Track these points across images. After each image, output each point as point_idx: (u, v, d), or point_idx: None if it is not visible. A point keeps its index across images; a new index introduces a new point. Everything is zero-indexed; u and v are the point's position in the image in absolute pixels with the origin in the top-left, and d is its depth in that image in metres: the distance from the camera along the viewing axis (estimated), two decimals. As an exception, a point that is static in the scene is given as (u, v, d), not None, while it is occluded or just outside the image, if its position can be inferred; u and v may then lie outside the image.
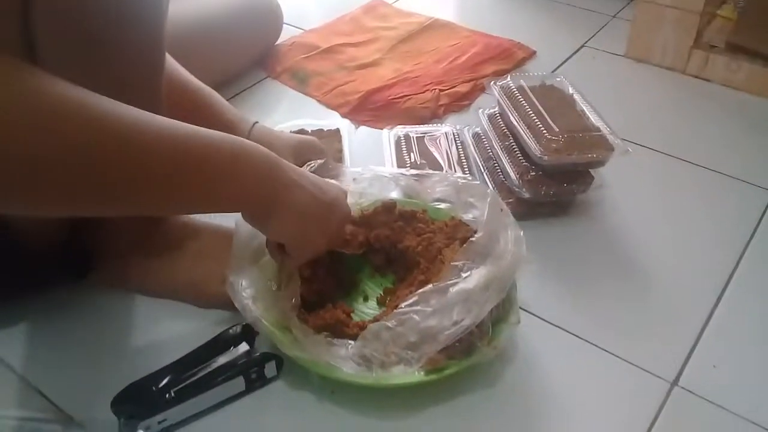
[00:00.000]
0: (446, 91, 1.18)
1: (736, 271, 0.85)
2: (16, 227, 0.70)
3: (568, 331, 0.77)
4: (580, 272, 0.85)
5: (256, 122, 0.90)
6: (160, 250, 0.79)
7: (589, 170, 0.91)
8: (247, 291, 0.69)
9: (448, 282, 0.68)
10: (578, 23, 1.43)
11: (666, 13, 1.22)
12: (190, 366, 0.69)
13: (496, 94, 0.97)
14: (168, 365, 0.68)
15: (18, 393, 0.69)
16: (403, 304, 0.67)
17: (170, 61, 0.80)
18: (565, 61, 1.30)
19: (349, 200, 0.76)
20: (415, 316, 0.66)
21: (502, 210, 0.75)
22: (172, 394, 0.66)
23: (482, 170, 0.97)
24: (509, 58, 1.28)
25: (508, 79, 0.99)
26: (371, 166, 0.85)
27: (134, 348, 0.75)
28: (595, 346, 0.76)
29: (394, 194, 0.84)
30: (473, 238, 0.71)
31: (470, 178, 0.82)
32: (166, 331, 0.76)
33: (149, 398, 0.66)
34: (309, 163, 0.79)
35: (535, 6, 1.52)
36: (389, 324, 0.66)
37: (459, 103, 1.16)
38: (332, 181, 0.75)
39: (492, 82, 0.99)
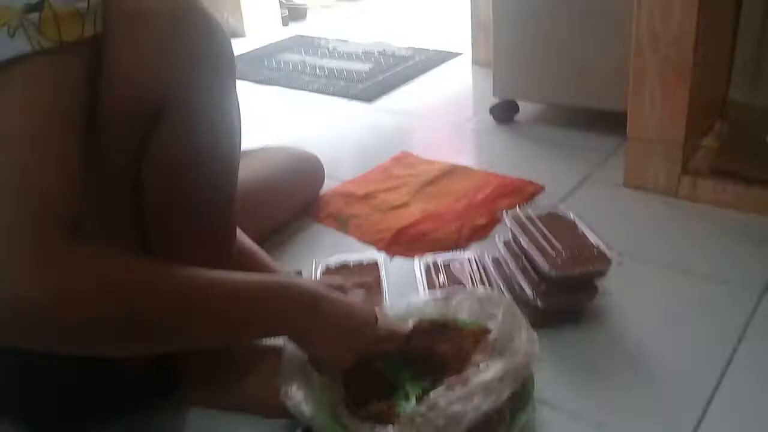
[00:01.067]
0: (467, 224, 1.36)
1: (731, 364, 0.98)
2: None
3: (581, 417, 0.89)
4: (591, 368, 0.99)
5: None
6: (234, 371, 0.93)
7: (594, 281, 1.06)
8: (298, 394, 0.83)
9: (471, 374, 0.82)
10: (581, 159, 1.63)
11: (653, 147, 1.42)
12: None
13: (509, 223, 1.14)
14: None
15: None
16: (433, 393, 0.81)
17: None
18: (570, 193, 1.49)
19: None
20: (442, 403, 0.79)
21: (515, 314, 0.90)
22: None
23: (501, 288, 1.12)
24: (521, 193, 1.48)
25: (518, 210, 1.17)
26: (405, 297, 1.02)
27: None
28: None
29: (429, 312, 0.99)
30: (488, 337, 0.86)
31: (490, 291, 0.98)
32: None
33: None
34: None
35: (541, 150, 1.73)
36: (421, 410, 0.79)
37: (479, 233, 1.35)
38: (364, 307, 0.88)
39: (505, 213, 1.17)
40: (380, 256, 1.26)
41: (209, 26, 0.73)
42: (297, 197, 1.45)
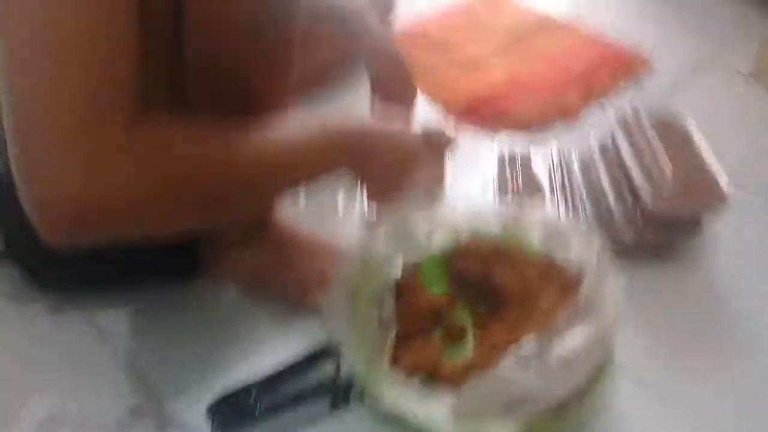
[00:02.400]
0: (556, 102, 1.14)
1: None
2: None
3: (659, 399, 0.76)
4: (677, 327, 0.83)
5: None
6: (271, 254, 0.83)
7: (700, 219, 0.87)
8: (338, 330, 0.71)
9: (548, 342, 0.67)
10: (711, 31, 1.34)
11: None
12: (281, 381, 0.72)
13: (612, 123, 0.93)
14: (261, 380, 0.72)
15: (124, 384, 0.74)
16: (501, 365, 0.67)
17: None
18: (683, 79, 1.23)
19: (444, 235, 0.80)
20: (513, 380, 0.66)
21: (606, 262, 0.74)
22: (262, 409, 0.70)
23: (585, 202, 0.94)
24: (625, 69, 1.23)
25: (626, 106, 0.95)
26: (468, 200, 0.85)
27: (235, 350, 0.79)
28: (688, 415, 0.74)
29: (492, 228, 0.83)
30: (577, 294, 0.70)
31: (573, 221, 0.80)
32: (266, 334, 0.80)
33: (241, 408, 0.70)
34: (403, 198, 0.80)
35: (667, 6, 1.43)
36: (486, 384, 0.66)
37: (569, 114, 1.13)
38: (407, 134, 0.82)
39: (607, 105, 0.95)
40: (449, 125, 1.07)
41: None
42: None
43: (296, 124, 0.69)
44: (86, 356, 0.77)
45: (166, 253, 0.80)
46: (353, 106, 1.06)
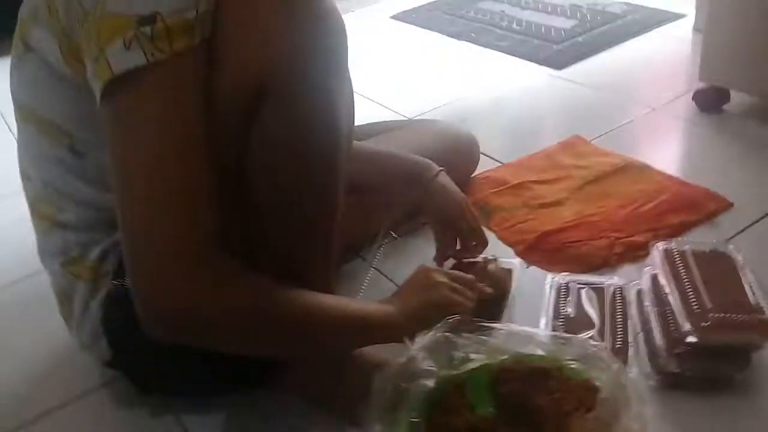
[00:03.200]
0: (623, 240, 1.20)
1: None
2: None
3: None
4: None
5: (442, 169, 1.13)
6: (332, 370, 0.92)
7: (747, 352, 0.88)
8: None
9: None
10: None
11: None
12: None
13: (657, 258, 0.98)
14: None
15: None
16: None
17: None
18: (763, 217, 1.24)
19: (488, 357, 0.87)
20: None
21: (626, 385, 0.77)
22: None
23: (638, 332, 0.98)
24: (699, 209, 1.26)
25: (673, 243, 1.00)
26: (509, 324, 0.92)
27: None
28: None
29: (531, 350, 0.89)
30: (589, 415, 0.74)
31: (601, 347, 0.84)
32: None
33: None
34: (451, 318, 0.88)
35: (743, 152, 1.46)
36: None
37: (634, 253, 1.17)
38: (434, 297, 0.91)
39: (656, 244, 1.00)
40: (517, 263, 1.16)
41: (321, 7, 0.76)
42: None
43: (339, 303, 0.86)
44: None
45: (246, 364, 0.90)
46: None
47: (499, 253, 1.20)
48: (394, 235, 1.24)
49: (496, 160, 1.50)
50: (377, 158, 1.16)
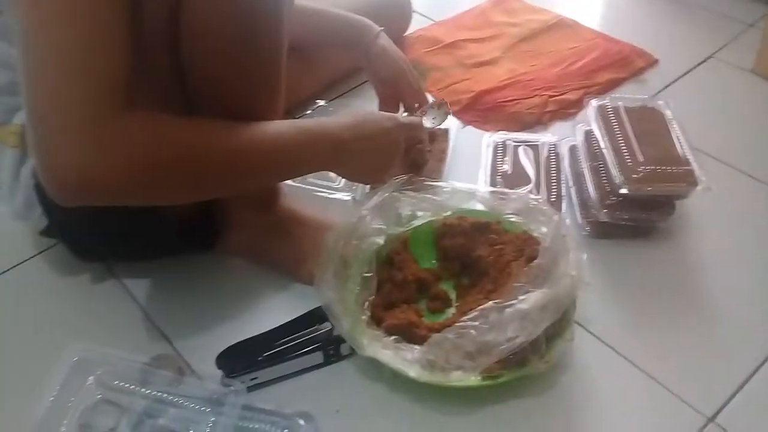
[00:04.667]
0: (555, 98, 1.22)
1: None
2: (159, 207, 0.85)
3: (620, 353, 0.84)
4: (645, 298, 0.90)
5: (382, 29, 1.11)
6: (272, 231, 0.94)
7: (672, 201, 0.94)
8: (329, 293, 0.81)
9: (507, 302, 0.76)
10: (710, 30, 1.41)
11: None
12: (280, 336, 0.83)
13: (592, 114, 1.01)
14: (263, 333, 0.83)
15: (150, 337, 0.87)
16: (463, 318, 0.76)
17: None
18: (687, 73, 1.30)
19: (431, 213, 0.90)
20: (473, 331, 0.75)
21: (564, 235, 0.82)
22: (263, 358, 0.81)
23: (570, 186, 1.02)
24: (627, 66, 1.30)
25: (607, 99, 1.03)
26: (452, 181, 0.95)
27: (242, 310, 0.90)
28: (644, 372, 0.82)
29: (473, 206, 0.92)
30: (533, 263, 0.79)
31: (541, 200, 0.89)
32: (269, 299, 0.91)
33: (246, 358, 0.81)
34: (397, 177, 0.90)
35: (667, 9, 1.49)
36: (450, 336, 0.76)
37: (566, 111, 1.21)
38: (379, 117, 0.89)
39: (590, 100, 1.03)
40: (453, 125, 1.17)
41: None
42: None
43: (279, 126, 0.78)
44: (118, 316, 0.90)
45: (186, 231, 0.91)
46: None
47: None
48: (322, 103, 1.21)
49: (429, 18, 1.47)
50: (316, 19, 1.11)
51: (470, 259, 0.90)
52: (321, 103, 1.20)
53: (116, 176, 0.63)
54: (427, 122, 1.06)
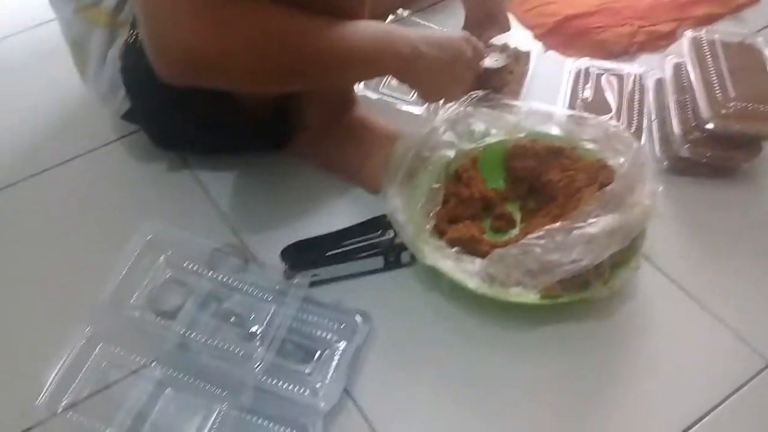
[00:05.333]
0: (645, 29, 1.17)
1: None
2: (239, 98, 0.87)
3: (683, 289, 0.82)
4: (718, 238, 0.88)
5: None
6: (343, 137, 0.94)
7: (759, 142, 0.90)
8: (396, 200, 0.81)
9: (575, 224, 0.75)
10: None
11: None
12: (344, 238, 0.84)
13: (685, 45, 0.96)
14: (329, 233, 0.85)
15: (218, 226, 0.90)
16: (529, 236, 0.76)
17: None
18: (790, 14, 1.21)
19: (504, 133, 0.89)
20: (538, 249, 0.75)
21: (642, 164, 0.80)
22: (326, 257, 0.83)
23: (652, 119, 0.99)
24: (725, 1, 1.22)
25: (703, 31, 0.98)
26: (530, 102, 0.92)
27: (311, 210, 0.92)
28: (706, 309, 0.80)
29: (549, 129, 0.90)
30: (607, 188, 0.77)
31: (623, 127, 0.86)
32: (334, 203, 0.92)
33: (309, 255, 0.83)
34: (472, 93, 0.88)
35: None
36: (513, 251, 0.75)
37: (656, 42, 1.15)
38: (454, 36, 0.88)
39: (686, 31, 0.98)
40: (535, 48, 1.13)
41: None
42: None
43: (365, 24, 0.78)
44: (190, 204, 0.93)
45: (262, 129, 0.93)
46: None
47: (516, 35, 1.17)
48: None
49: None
50: None
51: (539, 182, 0.88)
52: (403, 13, 1.18)
53: (224, 58, 0.67)
54: (488, 61, 1.03)
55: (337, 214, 0.90)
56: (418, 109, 1.01)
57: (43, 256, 0.88)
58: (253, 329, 0.76)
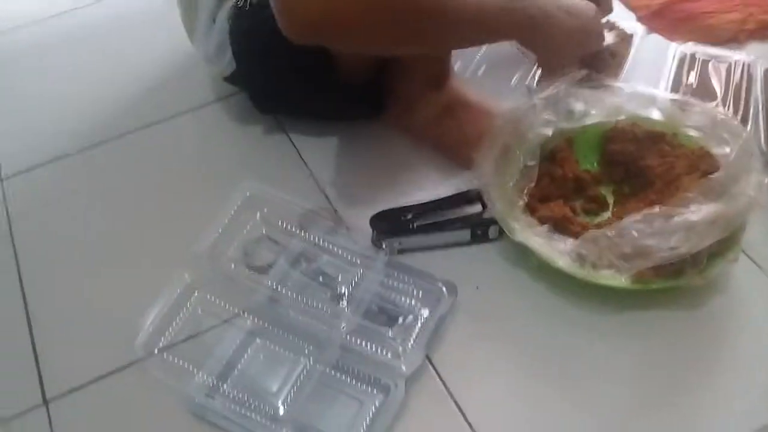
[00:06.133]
0: (757, 17, 1.11)
1: None
2: (339, 66, 0.89)
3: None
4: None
5: None
6: (438, 110, 0.94)
7: None
8: (489, 175, 0.81)
9: (676, 210, 0.74)
10: None
11: None
12: (433, 209, 0.85)
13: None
14: (418, 204, 0.86)
15: (310, 190, 0.92)
16: (627, 219, 0.75)
17: None
18: None
19: (604, 114, 0.87)
20: (635, 233, 0.73)
21: (751, 153, 0.77)
22: (414, 227, 0.84)
23: (760, 110, 0.95)
24: None
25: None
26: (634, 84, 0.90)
27: (401, 180, 0.93)
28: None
29: (651, 113, 0.88)
30: (713, 175, 0.75)
31: (731, 115, 0.83)
32: (425, 176, 0.92)
33: (397, 223, 0.84)
34: (573, 73, 0.87)
35: None
36: (608, 233, 0.74)
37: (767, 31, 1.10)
38: (582, 2, 0.89)
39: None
40: (639, 30, 1.10)
41: None
42: None
43: None
44: (285, 166, 0.96)
45: (358, 97, 0.95)
46: None
47: (618, 15, 1.14)
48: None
49: None
50: None
51: (636, 167, 0.86)
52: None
53: (359, 19, 0.69)
54: None
55: (428, 185, 0.90)
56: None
57: (149, 206, 0.94)
58: (341, 290, 0.78)
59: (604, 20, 1.06)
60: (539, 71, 0.92)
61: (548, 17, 0.82)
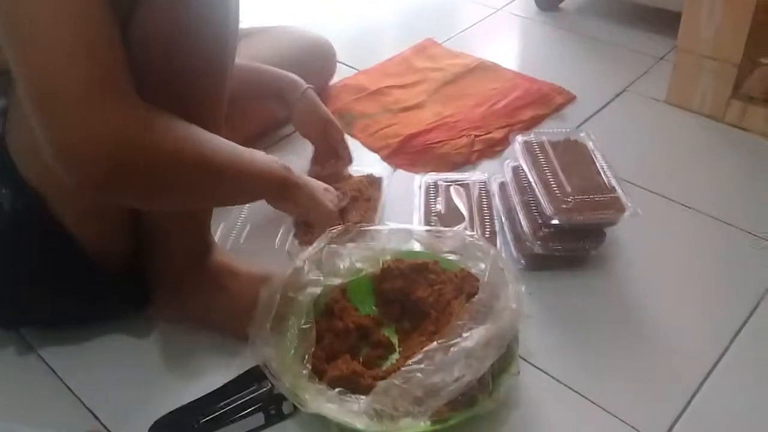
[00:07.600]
0: (481, 137, 1.24)
1: (738, 335, 0.89)
2: (91, 252, 0.83)
3: (565, 384, 0.83)
4: (584, 326, 0.91)
5: (309, 87, 1.13)
6: (204, 286, 0.90)
7: (602, 229, 0.96)
8: (267, 348, 0.77)
9: (451, 341, 0.75)
10: (623, 65, 1.46)
11: (705, 63, 1.24)
12: (217, 400, 0.79)
13: (518, 149, 1.03)
14: (198, 398, 0.79)
15: (77, 415, 0.81)
16: (408, 362, 0.74)
17: None
18: (604, 106, 1.34)
19: (369, 259, 0.89)
20: (420, 374, 0.73)
21: (503, 269, 0.82)
22: (201, 426, 0.76)
23: (504, 221, 1.03)
24: (548, 103, 1.33)
25: (531, 134, 1.05)
26: (388, 222, 0.94)
27: (175, 375, 0.86)
28: (591, 401, 0.81)
29: (412, 246, 0.91)
30: (474, 299, 0.78)
31: (477, 237, 0.89)
32: (203, 361, 0.87)
33: (181, 428, 0.76)
34: (330, 230, 0.88)
35: (582, 46, 1.55)
36: (396, 381, 0.73)
37: (493, 148, 1.23)
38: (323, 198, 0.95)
39: (516, 136, 1.05)
40: (385, 173, 1.16)
41: None
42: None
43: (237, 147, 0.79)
44: (43, 392, 0.84)
45: (114, 289, 0.88)
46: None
47: (364, 159, 1.21)
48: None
49: (352, 67, 1.48)
50: (246, 74, 1.10)
51: (410, 301, 0.88)
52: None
53: (152, 153, 0.66)
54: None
55: (208, 372, 0.84)
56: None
57: None
58: None
59: (349, 170, 1.12)
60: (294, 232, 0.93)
61: (293, 177, 0.86)
